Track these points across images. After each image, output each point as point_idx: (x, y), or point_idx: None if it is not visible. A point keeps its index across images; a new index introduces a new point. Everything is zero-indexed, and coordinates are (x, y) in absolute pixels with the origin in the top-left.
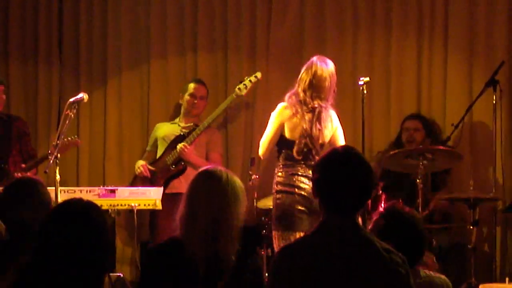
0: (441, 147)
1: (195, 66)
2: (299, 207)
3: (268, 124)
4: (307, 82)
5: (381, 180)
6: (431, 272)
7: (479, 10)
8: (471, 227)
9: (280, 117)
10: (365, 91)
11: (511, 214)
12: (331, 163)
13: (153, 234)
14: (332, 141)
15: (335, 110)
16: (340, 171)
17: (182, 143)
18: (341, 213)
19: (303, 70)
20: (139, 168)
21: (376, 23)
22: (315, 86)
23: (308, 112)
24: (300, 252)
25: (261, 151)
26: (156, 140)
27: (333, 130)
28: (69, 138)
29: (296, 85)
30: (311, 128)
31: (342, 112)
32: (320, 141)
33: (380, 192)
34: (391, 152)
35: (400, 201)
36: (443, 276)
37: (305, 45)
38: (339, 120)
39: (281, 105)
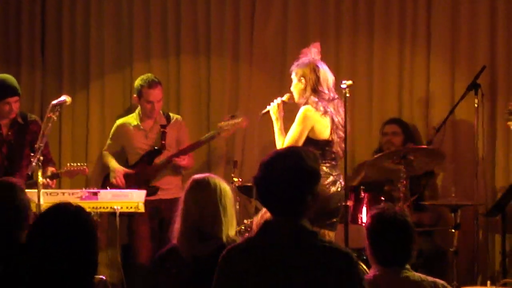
0: (422, 147)
1: (178, 69)
2: None
3: (294, 128)
4: (320, 78)
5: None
6: (426, 276)
7: (461, 15)
8: (453, 231)
9: (309, 120)
10: (347, 95)
11: (493, 218)
12: (269, 167)
13: (132, 238)
14: None
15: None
16: (277, 174)
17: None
18: (283, 216)
19: (305, 71)
20: (115, 179)
21: (359, 28)
22: (325, 80)
23: (330, 104)
24: (244, 252)
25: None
26: (120, 144)
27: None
28: (78, 164)
29: (306, 87)
30: (338, 121)
31: None
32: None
33: (363, 194)
34: (375, 156)
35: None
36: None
37: (288, 49)
38: None
39: (306, 108)
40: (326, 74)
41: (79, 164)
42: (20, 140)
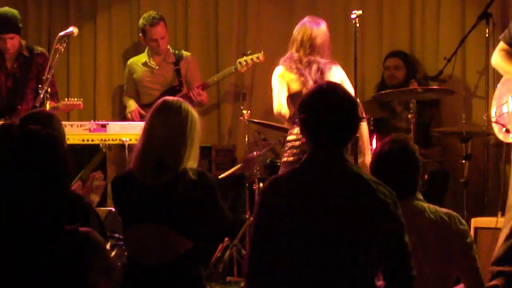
0: (434, 87)
1: (185, 1)
2: None
3: (273, 86)
4: (299, 41)
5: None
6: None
7: None
8: (463, 161)
9: (282, 78)
10: (357, 25)
11: (503, 148)
12: (316, 100)
13: None
14: None
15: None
16: (325, 107)
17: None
18: (329, 148)
19: (294, 31)
20: (130, 113)
21: None
22: (307, 44)
23: (307, 67)
24: (288, 182)
25: (278, 109)
26: (133, 82)
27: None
28: (74, 99)
29: (290, 47)
30: (316, 81)
31: (334, 47)
32: None
33: (372, 128)
34: (383, 92)
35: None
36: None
37: None
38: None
39: (280, 68)
40: (298, 41)
41: (75, 99)
42: (26, 73)
